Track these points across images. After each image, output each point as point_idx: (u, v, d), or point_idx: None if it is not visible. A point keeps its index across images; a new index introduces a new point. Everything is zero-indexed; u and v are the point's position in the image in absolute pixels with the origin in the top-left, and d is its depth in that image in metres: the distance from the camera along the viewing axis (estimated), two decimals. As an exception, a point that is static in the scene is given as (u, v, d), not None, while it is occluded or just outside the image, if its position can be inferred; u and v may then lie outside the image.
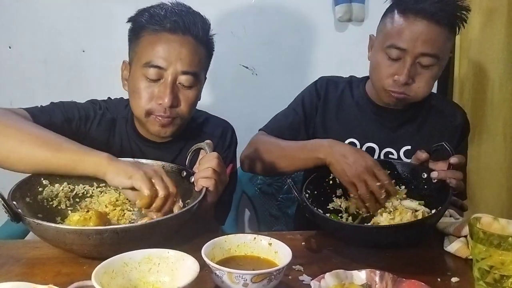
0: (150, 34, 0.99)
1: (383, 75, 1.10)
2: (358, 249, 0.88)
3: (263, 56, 1.68)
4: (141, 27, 1.01)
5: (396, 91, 1.10)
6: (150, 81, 0.98)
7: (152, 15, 1.00)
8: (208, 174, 0.87)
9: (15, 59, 1.59)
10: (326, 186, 1.03)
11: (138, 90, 0.99)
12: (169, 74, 0.98)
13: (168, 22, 0.98)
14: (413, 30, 1.05)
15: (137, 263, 0.67)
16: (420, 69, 1.08)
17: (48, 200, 0.88)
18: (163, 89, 0.98)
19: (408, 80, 1.07)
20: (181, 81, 0.99)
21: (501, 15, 1.64)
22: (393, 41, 1.07)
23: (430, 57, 1.06)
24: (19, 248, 0.84)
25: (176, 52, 0.97)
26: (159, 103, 0.98)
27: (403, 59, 1.07)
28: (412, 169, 1.02)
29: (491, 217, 0.75)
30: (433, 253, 0.89)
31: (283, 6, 1.65)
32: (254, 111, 1.65)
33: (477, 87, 1.71)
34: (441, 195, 0.91)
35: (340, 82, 1.27)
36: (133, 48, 1.04)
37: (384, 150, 1.19)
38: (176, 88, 0.99)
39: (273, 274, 0.67)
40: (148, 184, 0.82)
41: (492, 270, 0.68)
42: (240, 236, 0.77)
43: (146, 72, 0.98)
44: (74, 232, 0.73)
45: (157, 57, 0.97)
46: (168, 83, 0.98)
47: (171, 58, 0.97)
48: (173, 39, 0.98)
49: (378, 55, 1.12)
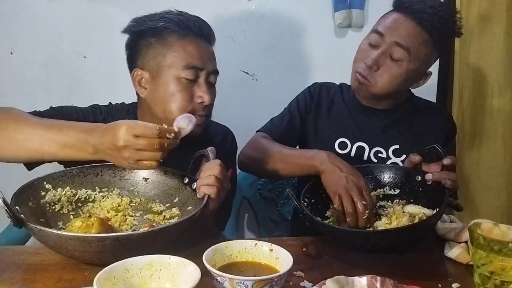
0: (179, 38, 1.03)
1: (358, 58, 1.17)
2: (359, 255, 0.88)
3: (263, 62, 1.68)
4: (165, 32, 1.02)
5: (361, 73, 1.14)
6: (186, 83, 1.02)
7: (175, 21, 1.03)
8: (211, 181, 0.87)
9: (17, 64, 1.60)
10: (322, 194, 1.03)
11: (175, 92, 1.01)
12: (203, 74, 1.03)
13: (193, 27, 1.03)
14: (396, 19, 1.12)
15: (139, 269, 0.67)
16: (388, 61, 1.12)
17: (51, 204, 0.89)
18: (202, 88, 1.03)
19: (373, 65, 1.12)
20: (210, 79, 1.06)
21: (500, 21, 1.66)
22: (377, 27, 1.15)
23: (402, 50, 1.10)
24: (21, 254, 0.84)
25: (206, 53, 1.05)
26: (199, 102, 1.02)
27: (379, 47, 1.13)
28: (405, 172, 1.04)
29: (491, 222, 0.76)
30: (434, 258, 0.89)
31: (283, 12, 1.66)
32: (254, 116, 1.64)
33: (476, 93, 1.72)
34: (437, 197, 0.92)
35: (332, 87, 1.34)
36: (159, 53, 1.02)
37: (373, 149, 1.22)
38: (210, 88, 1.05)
39: (274, 280, 0.67)
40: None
41: (493, 276, 0.68)
42: (241, 242, 0.77)
43: (185, 74, 1.01)
44: (76, 239, 0.73)
45: (194, 59, 1.02)
46: (203, 82, 1.03)
47: (204, 59, 1.03)
48: (199, 42, 1.04)
49: (362, 44, 1.18)
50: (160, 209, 0.95)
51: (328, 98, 1.30)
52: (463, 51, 1.71)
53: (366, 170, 1.07)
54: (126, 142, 0.80)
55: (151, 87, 1.04)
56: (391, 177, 1.06)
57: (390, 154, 1.22)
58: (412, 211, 0.94)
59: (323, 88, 1.32)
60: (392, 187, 1.04)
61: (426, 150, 1.01)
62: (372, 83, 1.14)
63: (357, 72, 1.15)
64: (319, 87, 1.32)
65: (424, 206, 0.95)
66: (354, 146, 1.23)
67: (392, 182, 1.05)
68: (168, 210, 0.94)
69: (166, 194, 0.96)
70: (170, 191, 0.96)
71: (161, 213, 0.94)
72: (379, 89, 1.14)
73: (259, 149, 1.16)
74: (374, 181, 1.07)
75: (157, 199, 0.97)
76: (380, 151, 1.22)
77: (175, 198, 0.95)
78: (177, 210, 0.93)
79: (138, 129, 0.81)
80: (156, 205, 0.96)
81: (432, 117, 1.26)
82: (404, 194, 1.02)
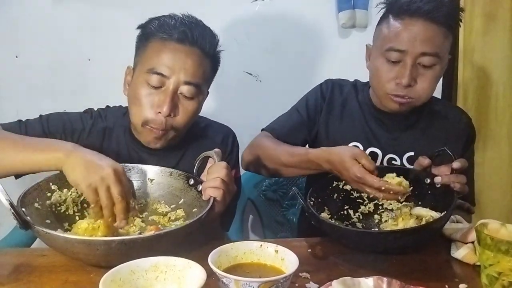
0: (157, 41, 1.00)
1: (384, 80, 1.09)
2: (364, 256, 0.88)
3: (267, 63, 1.68)
4: (149, 34, 1.02)
5: (399, 95, 1.09)
6: (151, 88, 0.98)
7: (161, 24, 1.01)
8: (217, 184, 0.87)
9: (22, 68, 1.60)
10: (330, 194, 1.03)
11: (139, 96, 0.99)
12: (171, 83, 0.97)
13: (176, 32, 0.98)
14: (411, 30, 1.04)
15: (144, 271, 0.67)
16: (421, 70, 1.07)
17: (57, 205, 0.89)
18: (163, 97, 0.97)
19: (410, 82, 1.06)
20: (183, 91, 0.99)
21: (504, 20, 1.65)
22: (392, 44, 1.06)
23: (431, 56, 1.05)
24: (27, 256, 0.85)
25: (181, 62, 0.98)
26: (157, 112, 0.98)
27: (403, 62, 1.06)
28: (415, 175, 1.02)
29: (498, 223, 0.75)
30: (440, 259, 0.88)
31: (286, 13, 1.66)
32: (258, 117, 1.63)
33: (481, 92, 1.71)
34: (446, 200, 0.91)
35: (346, 85, 1.27)
36: (138, 54, 1.04)
37: (387, 156, 1.19)
38: (176, 98, 0.99)
39: (280, 281, 0.66)
40: (91, 196, 0.83)
41: (500, 276, 0.67)
42: (247, 244, 0.76)
43: (148, 79, 0.98)
44: (82, 242, 0.73)
45: (161, 65, 0.97)
46: (169, 91, 0.97)
47: (175, 67, 0.97)
48: (179, 48, 0.99)
49: (377, 61, 1.11)
50: (165, 211, 0.95)
51: (341, 98, 1.24)
52: (467, 50, 1.70)
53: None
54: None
55: (129, 87, 1.04)
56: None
57: (404, 161, 1.18)
58: (419, 214, 0.93)
59: (335, 87, 1.26)
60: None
61: (436, 152, 1.00)
62: (415, 98, 1.09)
63: (393, 95, 1.09)
64: (331, 85, 1.26)
65: (432, 209, 0.94)
66: (367, 152, 1.18)
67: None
68: (173, 212, 0.94)
69: (171, 195, 0.97)
70: (176, 192, 0.96)
71: (166, 215, 0.94)
72: (425, 98, 1.10)
73: (261, 149, 1.15)
74: None
75: (162, 200, 0.97)
76: (393, 158, 1.18)
77: (180, 200, 0.96)
78: (182, 212, 0.93)
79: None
80: (161, 206, 0.96)
81: (451, 121, 1.21)
82: (412, 196, 1.00)
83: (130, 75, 1.06)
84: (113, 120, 1.11)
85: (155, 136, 1.00)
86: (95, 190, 0.83)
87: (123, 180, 0.86)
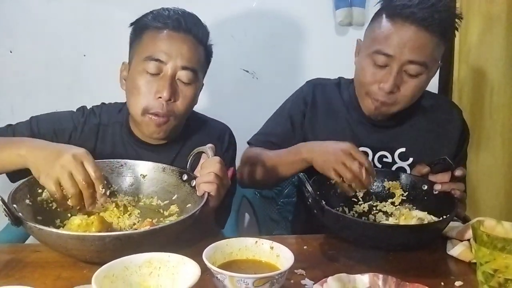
0: (152, 31, 1.01)
1: (367, 81, 1.06)
2: (360, 253, 0.87)
3: (264, 60, 1.68)
4: (143, 26, 1.03)
5: (379, 100, 1.06)
6: (150, 76, 0.98)
7: (155, 15, 1.02)
8: (210, 179, 0.86)
9: (16, 63, 1.59)
10: (328, 189, 1.02)
11: (137, 85, 0.99)
12: (168, 68, 0.98)
13: (170, 21, 1.00)
14: (401, 36, 1.00)
15: (138, 267, 0.67)
16: (406, 78, 1.03)
17: (48, 202, 0.87)
18: (162, 83, 0.98)
19: (393, 89, 1.03)
20: (180, 76, 1.00)
21: (500, 20, 1.66)
22: (380, 47, 1.02)
23: (418, 65, 1.01)
24: (19, 252, 0.84)
25: (177, 47, 0.99)
26: (157, 97, 0.98)
27: (389, 67, 1.03)
28: (412, 180, 1.03)
29: (494, 220, 0.75)
30: (436, 256, 0.88)
31: (283, 10, 1.65)
32: (255, 114, 1.63)
33: (476, 92, 1.72)
34: (442, 206, 0.92)
35: (328, 84, 1.24)
36: (133, 47, 1.04)
37: (378, 154, 1.16)
38: (175, 84, 1.00)
39: (275, 278, 0.66)
40: (52, 187, 0.80)
41: (496, 273, 0.67)
42: (242, 240, 0.76)
43: (146, 66, 0.98)
44: (76, 238, 0.73)
45: (158, 51, 0.98)
46: (167, 77, 0.98)
47: (171, 53, 0.98)
48: (174, 35, 1.00)
49: (364, 61, 1.07)
50: (159, 206, 0.94)
51: (324, 99, 1.20)
52: (463, 50, 1.70)
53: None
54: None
55: (127, 81, 1.04)
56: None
57: (396, 158, 1.16)
58: (420, 216, 0.94)
59: (317, 88, 1.22)
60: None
61: (436, 161, 1.00)
62: (392, 103, 1.06)
63: (373, 99, 1.06)
64: (312, 88, 1.22)
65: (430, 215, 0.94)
66: None
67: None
68: (167, 207, 0.93)
69: (165, 191, 0.96)
70: (169, 188, 0.96)
71: (159, 211, 0.94)
72: (402, 106, 1.07)
73: (250, 163, 1.15)
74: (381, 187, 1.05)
75: (156, 196, 0.96)
76: (385, 155, 1.16)
77: (174, 195, 0.95)
78: (176, 207, 0.93)
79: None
80: (155, 202, 0.95)
81: (442, 118, 1.19)
82: (408, 202, 1.01)
83: (126, 70, 1.06)
84: (108, 117, 1.10)
85: (156, 124, 0.99)
86: (56, 180, 0.80)
87: (88, 165, 0.82)
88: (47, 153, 0.83)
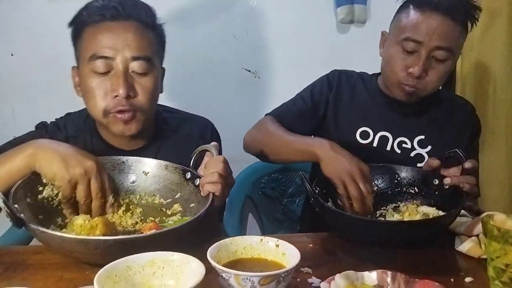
0: (91, 27, 0.93)
1: (397, 68, 1.11)
2: (367, 251, 0.86)
3: (265, 59, 1.67)
4: (81, 23, 0.95)
5: (409, 84, 1.11)
6: (100, 76, 0.92)
7: (90, 9, 0.95)
8: (214, 179, 0.84)
9: (17, 66, 1.59)
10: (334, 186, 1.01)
11: (90, 89, 0.93)
12: (118, 63, 0.92)
13: (107, 11, 0.93)
14: (429, 23, 1.07)
15: (141, 267, 0.65)
16: (434, 63, 1.09)
17: (49, 199, 0.85)
18: (115, 81, 0.91)
19: (422, 73, 1.08)
20: (134, 68, 0.93)
21: (502, 16, 1.65)
22: (409, 34, 1.08)
23: (445, 51, 1.08)
24: (21, 254, 0.83)
25: (122, 38, 0.92)
26: (114, 96, 0.92)
27: (418, 53, 1.08)
28: (423, 175, 1.02)
29: (504, 215, 0.74)
30: (444, 253, 0.86)
31: (284, 8, 1.65)
32: (257, 114, 1.62)
33: (479, 87, 1.71)
34: (454, 200, 0.91)
35: (353, 74, 1.29)
36: (77, 49, 0.98)
37: (397, 139, 1.19)
38: (130, 78, 0.93)
39: (281, 276, 0.65)
40: (69, 191, 0.80)
41: (508, 268, 0.65)
42: (247, 238, 0.74)
43: (93, 67, 0.91)
44: (81, 242, 0.71)
45: (101, 47, 0.91)
46: (119, 72, 0.91)
47: (117, 46, 0.91)
48: (115, 26, 0.93)
49: (392, 49, 1.13)
50: (161, 205, 0.93)
51: (349, 85, 1.25)
52: (465, 45, 1.68)
53: (382, 170, 1.04)
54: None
55: (80, 85, 0.97)
56: (407, 178, 1.03)
57: (415, 144, 1.19)
58: (426, 211, 0.93)
59: (342, 75, 1.27)
60: (410, 187, 1.02)
61: (447, 154, 1.00)
62: (422, 88, 1.11)
63: (404, 84, 1.11)
64: (338, 74, 1.27)
65: (439, 210, 0.93)
66: (377, 136, 1.19)
67: (409, 183, 1.03)
68: (170, 206, 0.92)
69: (167, 189, 0.94)
70: (172, 186, 0.93)
71: (162, 209, 0.92)
72: (431, 90, 1.13)
73: (263, 132, 1.15)
74: (390, 181, 1.04)
75: (158, 194, 0.94)
76: (404, 141, 1.19)
77: (177, 194, 0.93)
78: (179, 206, 0.91)
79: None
80: (157, 200, 0.94)
81: (457, 112, 1.23)
82: (419, 196, 1.00)
83: (77, 76, 0.99)
84: (75, 128, 1.04)
85: (123, 120, 0.93)
86: (75, 185, 0.80)
87: (104, 175, 0.83)
88: (66, 155, 0.81)
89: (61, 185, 0.81)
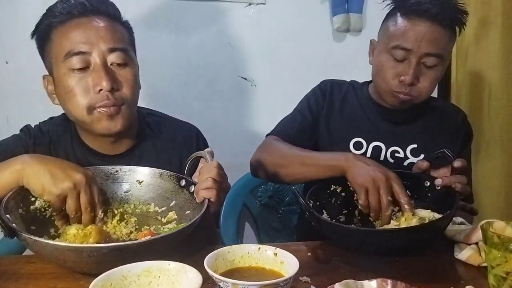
0: (60, 27, 0.91)
1: (388, 76, 1.11)
2: (366, 259, 0.85)
3: (262, 67, 1.68)
4: (48, 26, 0.93)
5: (402, 92, 1.11)
6: (78, 73, 0.89)
7: (55, 11, 0.93)
8: (209, 184, 0.83)
9: (12, 74, 1.58)
10: (328, 197, 1.01)
11: (69, 88, 0.90)
12: (95, 57, 0.90)
13: (74, 8, 0.91)
14: (418, 30, 1.07)
15: (137, 276, 0.64)
16: (424, 70, 1.09)
17: (41, 210, 0.84)
18: (96, 75, 0.89)
19: (414, 80, 1.08)
20: (112, 60, 0.91)
21: (496, 24, 1.66)
22: (398, 42, 1.08)
23: (435, 57, 1.08)
24: (14, 264, 0.81)
25: (94, 32, 0.90)
26: (98, 91, 0.89)
27: (408, 60, 1.09)
28: (413, 178, 1.01)
29: (503, 222, 0.73)
30: (444, 261, 0.86)
31: (281, 17, 1.66)
32: (254, 122, 1.63)
33: (473, 95, 1.72)
34: (447, 201, 0.89)
35: (343, 84, 1.29)
36: (48, 55, 0.95)
37: (390, 149, 1.19)
38: (111, 70, 0.91)
39: (280, 285, 0.63)
40: (59, 205, 0.80)
41: (508, 276, 0.65)
42: (244, 247, 0.73)
43: (70, 64, 0.89)
44: (74, 250, 0.70)
45: (75, 44, 0.89)
46: (99, 66, 0.89)
47: (91, 39, 0.89)
48: (85, 21, 0.91)
49: (382, 57, 1.12)
50: (156, 213, 0.92)
51: (341, 95, 1.25)
52: (460, 54, 1.71)
53: None
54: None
55: (56, 92, 0.95)
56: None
57: (408, 153, 1.19)
58: (422, 215, 0.91)
59: (334, 85, 1.27)
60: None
61: (435, 155, 0.99)
62: (415, 96, 1.11)
63: (396, 92, 1.11)
64: (330, 84, 1.27)
65: (434, 212, 0.92)
66: (370, 146, 1.19)
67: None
68: (165, 214, 0.91)
69: (162, 198, 0.92)
70: (166, 194, 0.92)
71: (157, 218, 0.91)
72: (424, 97, 1.13)
73: (275, 153, 1.11)
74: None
75: (153, 203, 0.93)
76: (397, 150, 1.19)
77: (172, 202, 0.91)
78: (174, 214, 0.90)
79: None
80: (152, 209, 0.92)
81: (448, 119, 1.23)
82: (412, 199, 0.98)
83: (50, 83, 0.97)
84: (57, 132, 1.02)
85: (109, 115, 0.91)
86: (64, 198, 0.79)
87: (94, 188, 0.83)
88: (54, 169, 0.80)
89: (50, 200, 0.80)
